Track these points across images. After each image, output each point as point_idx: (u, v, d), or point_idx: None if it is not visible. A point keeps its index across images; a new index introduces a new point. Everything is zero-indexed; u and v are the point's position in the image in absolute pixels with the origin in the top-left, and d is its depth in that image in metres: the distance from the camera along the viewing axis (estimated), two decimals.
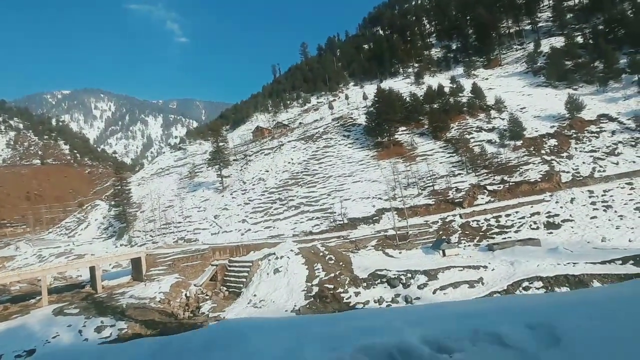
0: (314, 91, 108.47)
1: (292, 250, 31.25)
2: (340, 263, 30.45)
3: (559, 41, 74.54)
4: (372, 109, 60.17)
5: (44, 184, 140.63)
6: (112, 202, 68.14)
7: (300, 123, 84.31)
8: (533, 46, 76.68)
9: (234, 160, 76.43)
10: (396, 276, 27.53)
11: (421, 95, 63.87)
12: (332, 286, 27.41)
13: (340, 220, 41.63)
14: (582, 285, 23.31)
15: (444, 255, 31.41)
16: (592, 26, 72.17)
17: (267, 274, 30.14)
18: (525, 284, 24.30)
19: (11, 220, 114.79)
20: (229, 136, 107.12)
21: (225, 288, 31.78)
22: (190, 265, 33.86)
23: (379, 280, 27.78)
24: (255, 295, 27.92)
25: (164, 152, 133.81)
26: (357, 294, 26.68)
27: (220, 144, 66.07)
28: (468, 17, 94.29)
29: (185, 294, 30.09)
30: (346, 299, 26.24)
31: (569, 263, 25.27)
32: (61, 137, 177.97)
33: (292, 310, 24.71)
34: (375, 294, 26.49)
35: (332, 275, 28.59)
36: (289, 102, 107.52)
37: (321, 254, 31.34)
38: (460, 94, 67.37)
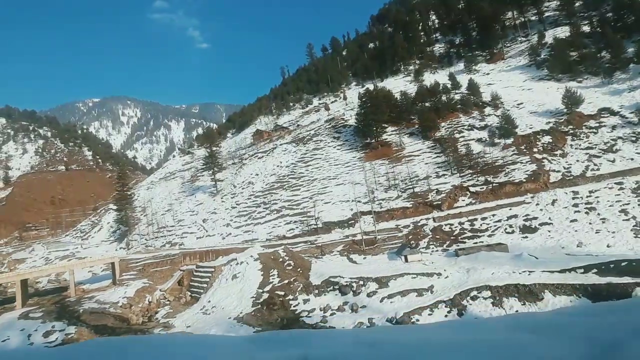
0: (317, 92, 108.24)
1: (251, 256, 31.37)
2: (299, 269, 30.23)
3: (565, 31, 70.50)
4: (360, 109, 59.33)
5: (68, 189, 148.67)
6: (115, 207, 70.99)
7: (297, 125, 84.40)
8: (537, 37, 72.88)
9: (232, 163, 77.68)
10: (348, 283, 27.01)
11: (412, 94, 62.23)
12: (283, 293, 27.26)
13: (314, 225, 41.32)
14: (532, 296, 21.95)
15: (406, 261, 30.48)
16: (601, 14, 67.68)
17: (226, 279, 30.42)
18: (474, 293, 23.15)
19: (36, 224, 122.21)
20: (233, 139, 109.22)
21: (189, 293, 32.36)
22: (159, 271, 34.74)
23: (331, 287, 27.36)
24: (209, 302, 28.24)
25: (174, 156, 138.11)
26: (306, 301, 26.39)
27: (214, 148, 67.26)
28: (474, 10, 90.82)
29: (149, 299, 30.85)
30: (294, 306, 26.02)
31: (524, 271, 23.82)
32: (85, 144, 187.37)
33: (236, 318, 24.78)
34: (324, 301, 26.09)
35: (286, 281, 28.44)
36: (291, 104, 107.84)
37: (281, 259, 31.24)
38: (456, 91, 65.21)
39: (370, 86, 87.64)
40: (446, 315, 22.26)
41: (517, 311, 21.45)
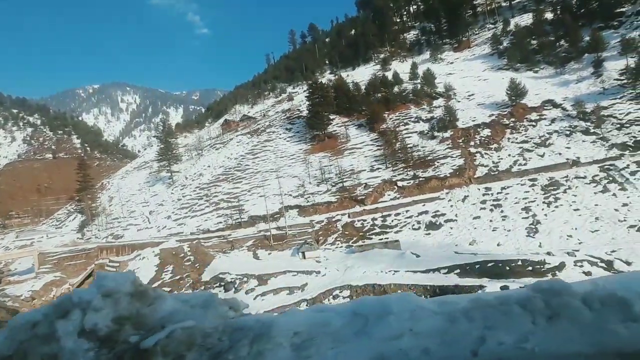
0: (292, 81, 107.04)
1: (152, 252, 31.83)
2: (197, 265, 30.66)
3: (529, 18, 68.35)
4: (308, 100, 58.72)
5: (54, 177, 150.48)
6: (76, 197, 71.92)
7: (264, 115, 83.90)
8: (502, 25, 70.86)
9: (196, 154, 77.80)
10: (233, 280, 27.40)
11: (364, 84, 61.34)
12: (170, 289, 27.74)
13: (238, 219, 41.59)
14: None
15: (304, 257, 30.73)
16: None
17: None
18: (337, 292, 23.40)
19: (19, 212, 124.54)
20: (210, 129, 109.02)
21: None
22: (73, 264, 35.43)
23: (217, 284, 27.78)
24: None
25: (151, 145, 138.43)
26: None
27: (171, 139, 67.43)
28: None
29: (54, 293, 31.60)
30: None
31: (390, 271, 23.96)
32: (75, 132, 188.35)
33: None
34: None
35: (178, 277, 28.92)
36: (267, 92, 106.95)
37: (182, 255, 31.68)
38: (414, 81, 64.10)
39: (343, 74, 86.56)
40: None
41: None
